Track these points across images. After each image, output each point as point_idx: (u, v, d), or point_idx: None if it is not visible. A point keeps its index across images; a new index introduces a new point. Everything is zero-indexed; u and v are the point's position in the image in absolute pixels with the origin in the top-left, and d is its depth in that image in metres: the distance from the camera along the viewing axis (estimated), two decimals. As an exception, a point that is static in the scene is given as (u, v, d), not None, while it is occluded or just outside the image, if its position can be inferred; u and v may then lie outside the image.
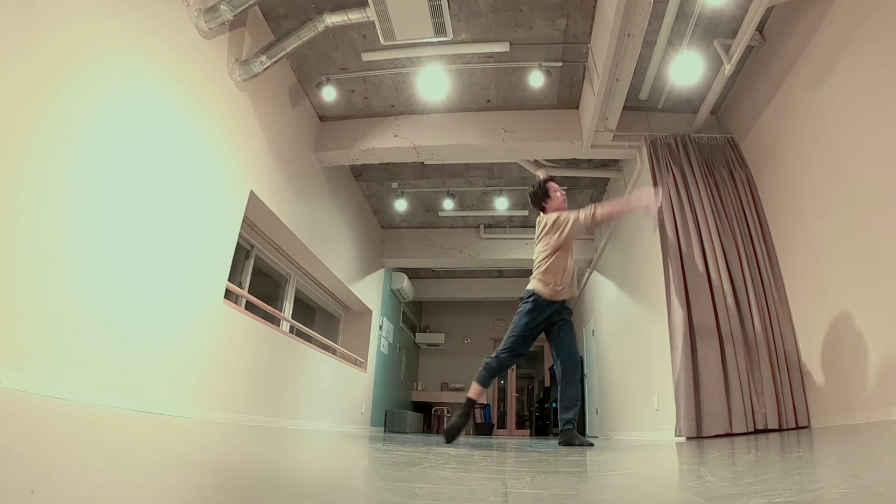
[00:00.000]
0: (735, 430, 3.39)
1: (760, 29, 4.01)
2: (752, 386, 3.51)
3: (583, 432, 8.10)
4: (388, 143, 5.26)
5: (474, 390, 3.32)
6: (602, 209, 3.32)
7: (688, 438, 3.51)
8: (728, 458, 1.82)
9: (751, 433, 3.38)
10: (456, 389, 10.75)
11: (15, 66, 2.08)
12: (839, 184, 3.18)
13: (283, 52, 3.93)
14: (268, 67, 3.91)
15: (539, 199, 3.62)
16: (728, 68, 3.91)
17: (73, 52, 2.38)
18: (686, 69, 4.26)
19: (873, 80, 2.89)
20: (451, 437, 3.18)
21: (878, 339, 2.82)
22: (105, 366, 2.51)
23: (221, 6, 3.39)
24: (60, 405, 2.02)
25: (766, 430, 3.38)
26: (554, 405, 9.37)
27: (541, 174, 3.73)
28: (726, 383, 3.55)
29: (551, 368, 10.03)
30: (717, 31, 4.05)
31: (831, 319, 3.25)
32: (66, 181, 2.32)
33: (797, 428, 3.37)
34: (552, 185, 3.59)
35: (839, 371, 3.15)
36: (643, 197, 3.36)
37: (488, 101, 5.14)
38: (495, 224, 7.96)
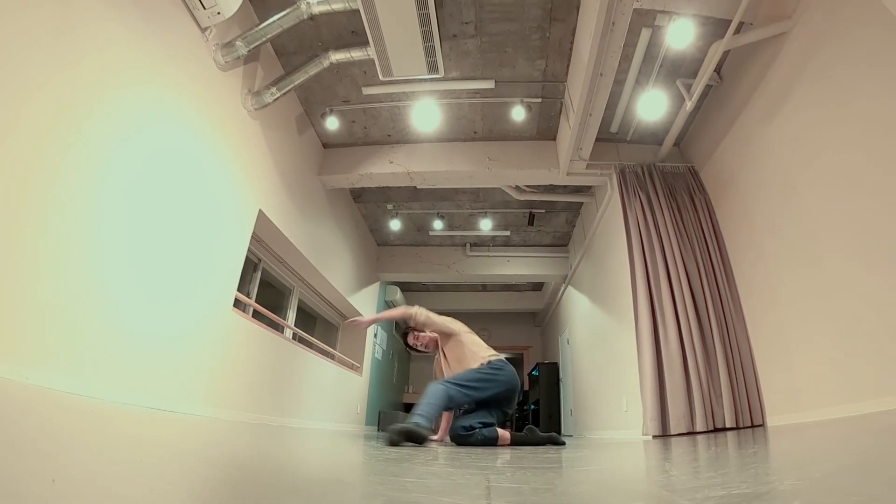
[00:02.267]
0: (697, 429, 3.40)
1: (718, 70, 4.08)
2: (711, 389, 3.52)
3: (559, 432, 8.07)
4: (384, 168, 5.27)
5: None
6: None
7: (654, 437, 3.50)
8: (690, 454, 1.82)
9: (711, 431, 3.38)
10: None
11: (50, 89, 2.07)
12: (787, 206, 3.22)
13: (292, 85, 3.94)
14: (277, 98, 3.91)
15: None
16: (689, 105, 3.96)
17: (102, 78, 2.37)
18: (652, 105, 4.32)
19: (816, 115, 2.94)
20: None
21: (823, 344, 2.84)
22: (123, 366, 2.47)
23: (237, 42, 3.40)
24: (81, 401, 1.98)
25: (725, 429, 3.39)
26: (532, 407, 9.33)
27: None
28: (688, 386, 3.55)
29: (530, 373, 9.99)
30: (679, 71, 4.11)
31: (781, 327, 3.28)
32: (92, 196, 2.30)
33: (752, 426, 3.38)
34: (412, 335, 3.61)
35: (789, 374, 3.16)
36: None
37: (475, 132, 5.17)
38: (480, 243, 7.97)
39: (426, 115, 4.77)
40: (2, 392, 1.57)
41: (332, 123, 4.82)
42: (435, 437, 3.09)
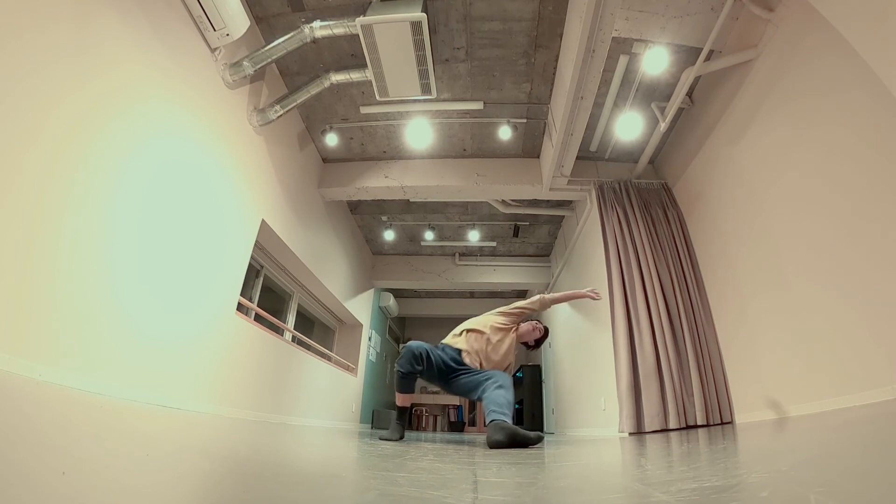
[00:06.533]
0: (670, 426, 3.40)
1: (690, 94, 4.13)
2: (683, 389, 3.53)
3: (541, 430, 8.05)
4: (379, 182, 5.27)
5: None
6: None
7: (630, 434, 3.50)
8: (664, 450, 1.82)
9: (683, 429, 3.39)
10: (433, 392, 10.63)
11: (66, 105, 2.06)
12: (754, 221, 3.25)
13: (295, 103, 3.93)
14: (281, 115, 3.91)
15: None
16: (663, 126, 4.00)
17: (116, 95, 2.36)
18: (628, 126, 4.36)
19: (780, 137, 2.98)
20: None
21: (786, 351, 2.87)
22: (132, 365, 2.44)
23: (244, 62, 3.40)
24: (92, 398, 1.95)
25: (696, 426, 3.39)
26: (517, 406, 9.31)
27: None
28: (661, 387, 3.56)
29: (515, 375, 9.98)
30: (654, 95, 4.16)
31: (749, 334, 3.30)
32: (105, 205, 2.28)
33: (722, 424, 3.39)
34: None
35: (756, 376, 3.18)
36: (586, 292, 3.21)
37: (464, 149, 5.19)
38: (468, 253, 7.97)
39: (419, 133, 4.78)
40: (17, 388, 1.55)
41: (331, 140, 4.81)
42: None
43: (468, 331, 3.05)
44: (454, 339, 3.05)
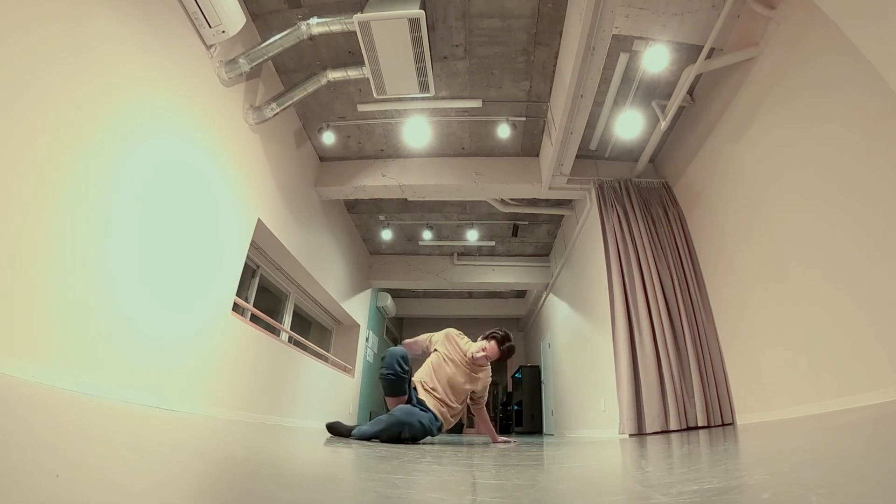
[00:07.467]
0: (671, 428, 3.40)
1: (690, 92, 4.14)
2: (684, 389, 3.53)
3: (541, 431, 8.06)
4: (377, 181, 5.26)
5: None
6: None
7: (630, 435, 3.50)
8: (665, 451, 1.82)
9: (684, 430, 3.39)
10: (432, 393, 10.64)
11: (61, 103, 2.05)
12: (754, 220, 3.26)
13: (291, 101, 3.93)
14: (277, 113, 3.90)
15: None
16: (663, 124, 4.00)
17: (111, 93, 2.35)
18: (629, 124, 4.36)
19: (781, 135, 2.99)
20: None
21: (788, 349, 2.87)
22: (127, 366, 2.44)
23: (240, 59, 3.40)
24: (86, 399, 1.95)
25: (697, 427, 3.39)
26: (516, 408, 9.31)
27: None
28: (662, 388, 3.57)
29: (513, 376, 9.98)
30: (654, 93, 4.16)
31: (750, 333, 3.30)
32: (100, 204, 2.27)
33: (723, 425, 3.39)
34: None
35: (757, 376, 3.19)
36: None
37: (463, 148, 5.19)
38: (467, 252, 7.98)
39: (417, 131, 4.78)
40: (10, 390, 1.54)
41: (328, 138, 4.81)
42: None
43: (428, 391, 3.12)
44: (426, 395, 3.11)
